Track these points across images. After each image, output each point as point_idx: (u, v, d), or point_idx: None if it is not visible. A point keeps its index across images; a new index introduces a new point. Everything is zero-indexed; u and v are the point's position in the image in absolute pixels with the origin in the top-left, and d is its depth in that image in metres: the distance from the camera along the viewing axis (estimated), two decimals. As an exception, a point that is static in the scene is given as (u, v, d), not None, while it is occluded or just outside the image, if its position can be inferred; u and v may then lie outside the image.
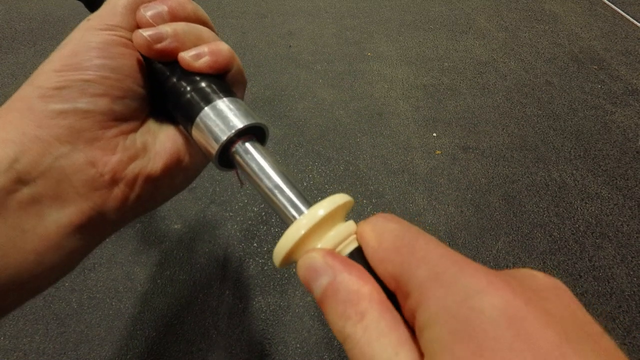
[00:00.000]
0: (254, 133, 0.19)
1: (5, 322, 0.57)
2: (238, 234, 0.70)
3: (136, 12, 0.19)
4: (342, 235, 0.15)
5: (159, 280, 0.63)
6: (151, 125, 0.21)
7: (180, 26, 0.19)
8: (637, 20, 1.41)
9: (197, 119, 0.18)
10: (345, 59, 1.16)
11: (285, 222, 0.17)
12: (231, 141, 0.18)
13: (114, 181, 0.18)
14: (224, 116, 0.18)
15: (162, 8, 0.19)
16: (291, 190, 0.17)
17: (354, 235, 0.15)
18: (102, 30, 0.18)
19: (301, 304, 0.61)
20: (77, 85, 0.17)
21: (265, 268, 0.65)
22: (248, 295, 0.62)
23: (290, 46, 1.20)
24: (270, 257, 0.67)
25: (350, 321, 0.12)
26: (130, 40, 0.19)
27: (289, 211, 0.17)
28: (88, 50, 0.18)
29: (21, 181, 0.15)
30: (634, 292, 0.64)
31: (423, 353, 0.11)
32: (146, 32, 0.19)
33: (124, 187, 0.18)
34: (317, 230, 0.15)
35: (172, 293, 0.62)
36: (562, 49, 1.25)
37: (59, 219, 0.16)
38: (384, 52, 1.20)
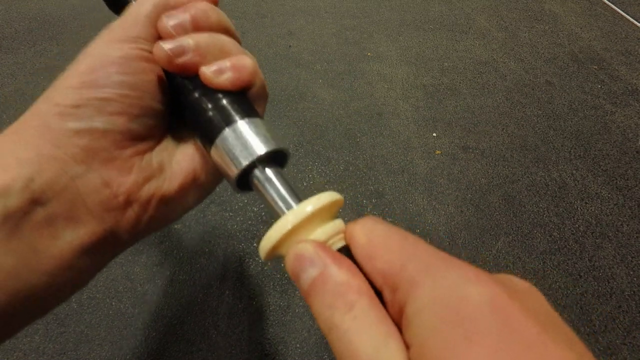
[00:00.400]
0: (275, 156, 0.18)
1: (5, 322, 0.57)
2: (238, 234, 0.70)
3: (158, 21, 0.18)
4: (331, 232, 0.15)
5: (158, 280, 0.63)
6: (168, 143, 0.20)
7: (203, 38, 0.18)
8: (637, 20, 1.41)
9: (217, 141, 0.18)
10: (345, 59, 1.16)
11: (274, 216, 0.17)
12: (252, 165, 0.18)
13: (128, 202, 0.17)
14: (244, 140, 0.17)
15: (185, 17, 0.18)
16: (282, 185, 0.17)
17: (342, 234, 0.15)
18: (123, 42, 0.18)
19: (301, 304, 0.61)
20: (94, 103, 0.17)
21: (265, 268, 0.65)
22: (248, 295, 0.62)
23: (290, 46, 1.20)
24: (270, 257, 0.67)
25: (339, 311, 0.12)
26: (152, 52, 0.18)
27: (279, 205, 0.17)
28: (107, 66, 0.17)
29: (36, 201, 0.15)
30: (634, 292, 0.64)
31: (409, 345, 0.11)
32: (167, 45, 0.18)
33: (138, 208, 0.18)
34: (305, 225, 0.15)
35: (172, 293, 0.62)
36: (562, 49, 1.25)
37: (72, 240, 0.16)
38: (384, 52, 1.20)
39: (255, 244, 0.69)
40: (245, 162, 0.17)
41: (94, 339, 0.56)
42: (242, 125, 0.18)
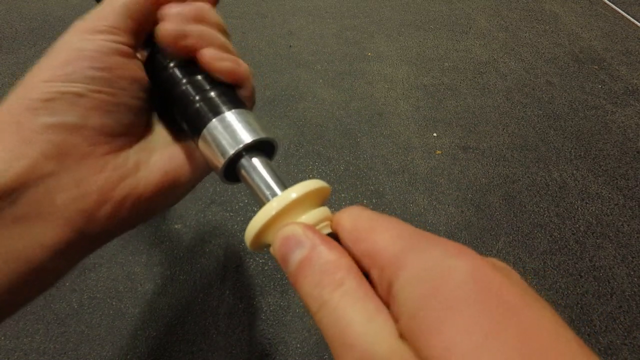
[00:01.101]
0: (263, 147, 0.18)
1: (6, 322, 0.57)
2: (238, 234, 0.70)
3: (160, 9, 0.19)
4: (316, 218, 0.15)
5: (159, 280, 0.63)
6: (147, 141, 0.19)
7: (206, 29, 0.19)
8: (637, 20, 1.41)
9: (204, 131, 0.18)
10: (345, 59, 1.16)
11: (259, 204, 0.17)
12: (239, 155, 0.18)
13: (100, 202, 0.17)
14: (232, 129, 0.18)
15: (189, 9, 0.19)
16: (268, 172, 0.17)
17: (329, 222, 0.16)
18: (97, 33, 0.17)
19: (301, 304, 0.61)
20: (66, 98, 0.16)
21: (266, 268, 0.65)
22: (248, 295, 0.62)
23: (290, 46, 1.20)
24: (271, 257, 0.67)
25: (328, 288, 0.12)
26: (128, 46, 0.18)
27: (264, 192, 0.17)
28: (80, 60, 0.17)
29: (4, 201, 0.14)
30: (634, 292, 0.64)
31: (397, 319, 0.12)
32: (172, 26, 0.18)
33: (111, 208, 0.17)
34: (289, 212, 0.15)
35: (172, 293, 0.62)
36: (563, 49, 1.25)
37: (41, 240, 0.15)
38: (384, 52, 1.20)
39: (255, 244, 0.69)
40: (232, 151, 0.17)
41: (95, 339, 0.56)
42: (230, 116, 0.18)
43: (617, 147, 0.91)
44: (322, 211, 0.16)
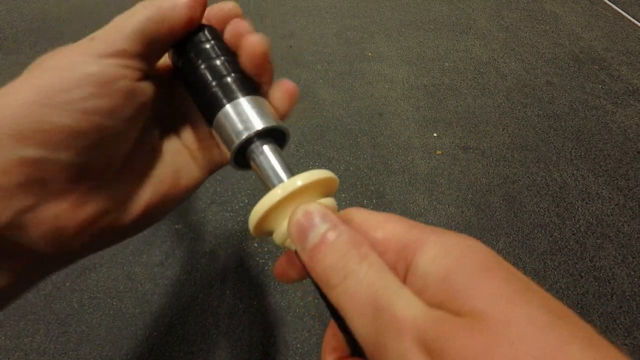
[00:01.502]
0: (275, 134, 0.19)
1: (6, 322, 0.57)
2: (239, 234, 0.70)
3: (233, 22, 0.19)
4: (326, 205, 0.15)
5: (159, 280, 0.63)
6: (129, 175, 0.18)
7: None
8: (637, 20, 1.41)
9: (219, 114, 0.18)
10: (345, 59, 1.16)
11: (266, 189, 0.17)
12: (250, 141, 0.18)
13: (77, 235, 0.15)
14: (245, 115, 0.18)
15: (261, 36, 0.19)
16: (276, 159, 0.17)
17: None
18: (102, 57, 0.15)
19: (302, 304, 0.61)
20: (60, 130, 0.14)
21: (266, 268, 0.65)
22: (249, 295, 0.62)
23: (290, 46, 1.20)
24: (271, 258, 0.67)
25: (355, 259, 0.13)
26: (139, 70, 0.16)
27: (271, 180, 0.17)
28: (83, 86, 0.14)
29: None
30: (634, 292, 0.64)
31: (421, 291, 0.12)
32: (261, 39, 0.18)
33: (89, 238, 0.16)
34: (294, 199, 0.15)
35: (172, 293, 0.62)
36: (563, 49, 1.25)
37: (9, 268, 0.14)
38: (384, 52, 1.20)
39: (255, 244, 0.69)
40: (243, 136, 0.17)
41: (95, 339, 0.56)
42: (244, 102, 0.18)
43: (618, 147, 0.91)
44: (330, 201, 0.16)
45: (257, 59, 0.18)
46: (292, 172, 0.17)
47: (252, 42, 0.18)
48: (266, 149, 0.18)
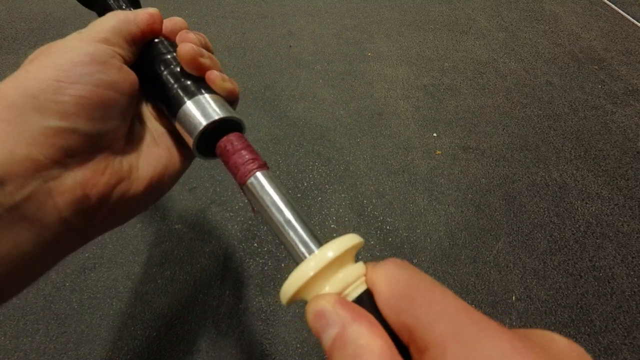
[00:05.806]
0: (232, 127, 0.21)
1: (6, 322, 0.57)
2: (238, 234, 0.70)
3: (179, 34, 0.21)
4: (352, 277, 0.15)
5: (159, 281, 0.63)
6: (135, 146, 0.21)
7: (211, 54, 0.22)
8: (637, 20, 1.41)
9: (180, 111, 0.20)
10: (345, 59, 1.16)
11: (294, 259, 0.17)
12: (217, 136, 0.20)
13: (99, 204, 0.17)
14: (204, 108, 0.20)
15: (200, 36, 0.22)
16: (302, 227, 0.17)
17: (364, 278, 0.15)
18: (98, 42, 0.18)
19: (302, 304, 0.61)
20: (76, 101, 0.16)
21: (266, 268, 0.65)
22: (249, 295, 0.62)
23: (290, 46, 1.20)
24: (271, 258, 0.67)
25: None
26: (122, 56, 0.19)
27: (299, 249, 0.17)
28: (88, 63, 0.17)
29: (2, 205, 0.14)
30: (634, 292, 0.64)
31: None
32: (192, 46, 0.20)
33: (107, 210, 0.18)
34: (326, 271, 0.15)
35: (172, 293, 0.62)
36: (563, 49, 1.25)
37: (34, 242, 0.15)
38: (384, 52, 1.20)
39: (255, 244, 0.69)
40: (201, 126, 0.19)
41: (95, 339, 0.56)
42: (203, 98, 0.21)
43: (617, 147, 0.91)
44: (356, 269, 0.15)
45: (189, 63, 0.21)
46: (315, 236, 0.17)
47: (180, 51, 0.20)
48: (262, 179, 0.19)
